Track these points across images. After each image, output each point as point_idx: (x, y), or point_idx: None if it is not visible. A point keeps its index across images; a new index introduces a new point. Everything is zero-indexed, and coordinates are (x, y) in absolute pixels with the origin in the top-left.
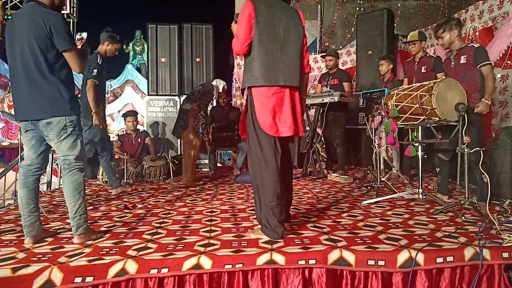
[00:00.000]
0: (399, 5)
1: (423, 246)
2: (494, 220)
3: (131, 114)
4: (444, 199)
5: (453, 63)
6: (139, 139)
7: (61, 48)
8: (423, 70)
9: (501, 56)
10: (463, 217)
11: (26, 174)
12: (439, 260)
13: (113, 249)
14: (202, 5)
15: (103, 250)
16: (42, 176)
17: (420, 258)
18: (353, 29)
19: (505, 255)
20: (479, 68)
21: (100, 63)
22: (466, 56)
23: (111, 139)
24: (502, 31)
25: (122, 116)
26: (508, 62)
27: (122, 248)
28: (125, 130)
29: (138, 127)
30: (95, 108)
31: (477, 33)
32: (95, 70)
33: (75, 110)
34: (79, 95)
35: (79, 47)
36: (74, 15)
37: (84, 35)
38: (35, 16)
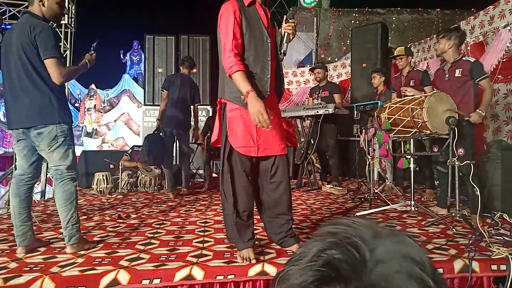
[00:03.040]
0: (393, 18)
1: None
2: (484, 233)
3: None
4: (443, 213)
5: (447, 75)
6: None
7: (42, 57)
8: (411, 84)
9: (491, 70)
10: (454, 230)
11: (19, 184)
12: None
13: (106, 259)
14: (199, 17)
15: (96, 260)
16: (36, 185)
17: None
18: (348, 41)
19: (494, 267)
20: (477, 83)
21: None
22: (461, 69)
23: (108, 149)
24: (492, 46)
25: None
26: (499, 76)
27: (115, 259)
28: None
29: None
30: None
31: (468, 48)
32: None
33: (66, 119)
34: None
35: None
36: (72, 25)
37: (94, 45)
38: (25, 26)
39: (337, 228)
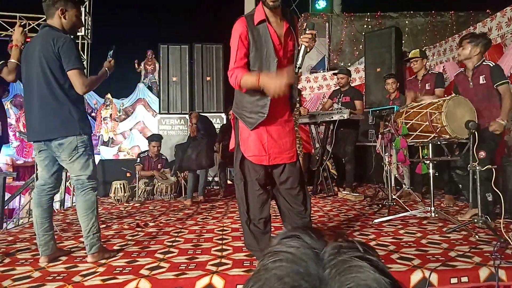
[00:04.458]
0: (406, 22)
1: (437, 266)
2: (509, 240)
3: (156, 140)
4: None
5: (471, 83)
6: (159, 165)
7: (65, 68)
8: (427, 87)
9: (511, 72)
10: (477, 236)
11: (40, 194)
12: (453, 280)
13: (126, 268)
14: (212, 25)
15: (117, 269)
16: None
17: (434, 278)
18: (361, 46)
19: None
20: (495, 87)
21: None
22: (484, 75)
23: (124, 157)
24: (511, 48)
25: (147, 139)
26: None
27: (135, 267)
28: (147, 153)
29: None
30: None
31: None
32: None
33: (85, 129)
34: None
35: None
36: (89, 37)
37: (111, 52)
38: (46, 38)
39: (281, 269)
